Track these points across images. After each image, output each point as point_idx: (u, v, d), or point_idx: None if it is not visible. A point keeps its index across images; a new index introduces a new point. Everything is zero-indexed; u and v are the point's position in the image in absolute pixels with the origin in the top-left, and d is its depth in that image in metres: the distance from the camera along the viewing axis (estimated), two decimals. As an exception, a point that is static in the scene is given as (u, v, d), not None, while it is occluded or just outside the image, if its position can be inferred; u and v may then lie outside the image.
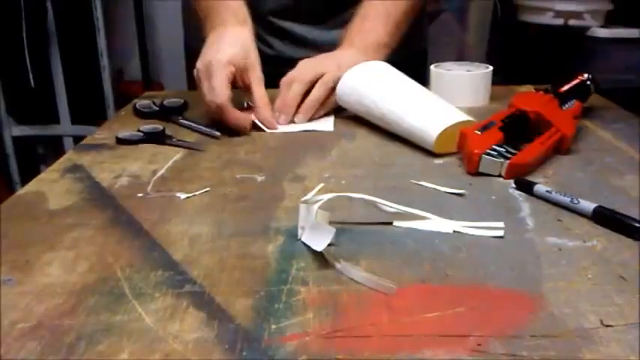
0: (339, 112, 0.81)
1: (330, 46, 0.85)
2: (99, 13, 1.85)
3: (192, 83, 0.81)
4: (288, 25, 0.95)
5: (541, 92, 0.70)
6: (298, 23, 0.95)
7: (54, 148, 2.13)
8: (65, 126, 2.05)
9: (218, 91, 0.73)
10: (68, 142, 2.09)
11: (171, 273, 0.42)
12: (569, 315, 0.37)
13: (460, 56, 0.84)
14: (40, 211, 0.53)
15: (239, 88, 0.79)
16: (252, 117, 0.77)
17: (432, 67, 0.86)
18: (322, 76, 0.78)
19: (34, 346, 0.35)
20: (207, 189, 0.57)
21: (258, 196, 0.55)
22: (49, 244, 0.47)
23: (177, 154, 0.67)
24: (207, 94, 0.74)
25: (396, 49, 0.86)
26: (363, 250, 0.45)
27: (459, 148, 0.64)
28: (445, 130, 0.65)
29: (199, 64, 0.76)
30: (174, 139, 0.71)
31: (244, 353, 0.34)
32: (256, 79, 0.78)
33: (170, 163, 0.65)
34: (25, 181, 1.85)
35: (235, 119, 0.74)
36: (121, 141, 0.71)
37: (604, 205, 0.49)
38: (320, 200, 0.46)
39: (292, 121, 0.78)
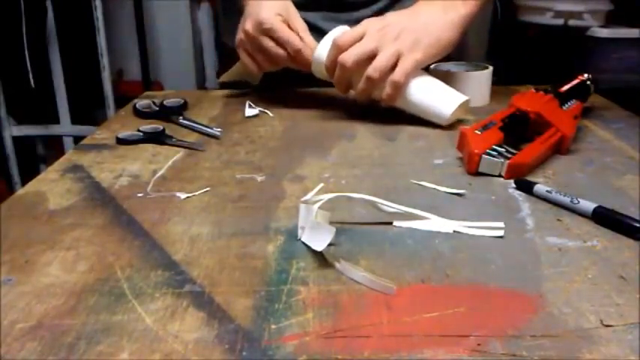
0: (338, 111, 0.81)
1: None
2: (99, 13, 1.85)
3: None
4: (311, 16, 0.94)
5: (541, 92, 0.70)
6: (321, 15, 0.94)
7: (54, 148, 2.13)
8: (65, 126, 2.05)
9: (267, 18, 0.75)
10: (68, 142, 2.09)
11: (171, 273, 0.42)
12: (569, 315, 0.37)
13: (460, 56, 0.83)
14: (40, 211, 0.53)
15: None
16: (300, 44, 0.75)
17: (431, 67, 0.86)
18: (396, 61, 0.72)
19: (34, 346, 0.35)
20: (207, 189, 0.57)
21: (258, 196, 0.55)
22: (49, 244, 0.47)
23: (177, 154, 0.67)
24: (254, 30, 0.76)
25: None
26: (363, 250, 0.45)
27: (459, 148, 0.64)
28: (462, 104, 0.73)
29: (241, 33, 0.78)
30: (174, 139, 0.71)
31: (244, 353, 0.34)
32: (302, 26, 0.79)
33: (170, 163, 0.65)
34: (25, 181, 1.85)
35: (287, 34, 0.75)
36: (120, 141, 0.71)
37: (604, 205, 0.49)
38: (320, 200, 0.46)
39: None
